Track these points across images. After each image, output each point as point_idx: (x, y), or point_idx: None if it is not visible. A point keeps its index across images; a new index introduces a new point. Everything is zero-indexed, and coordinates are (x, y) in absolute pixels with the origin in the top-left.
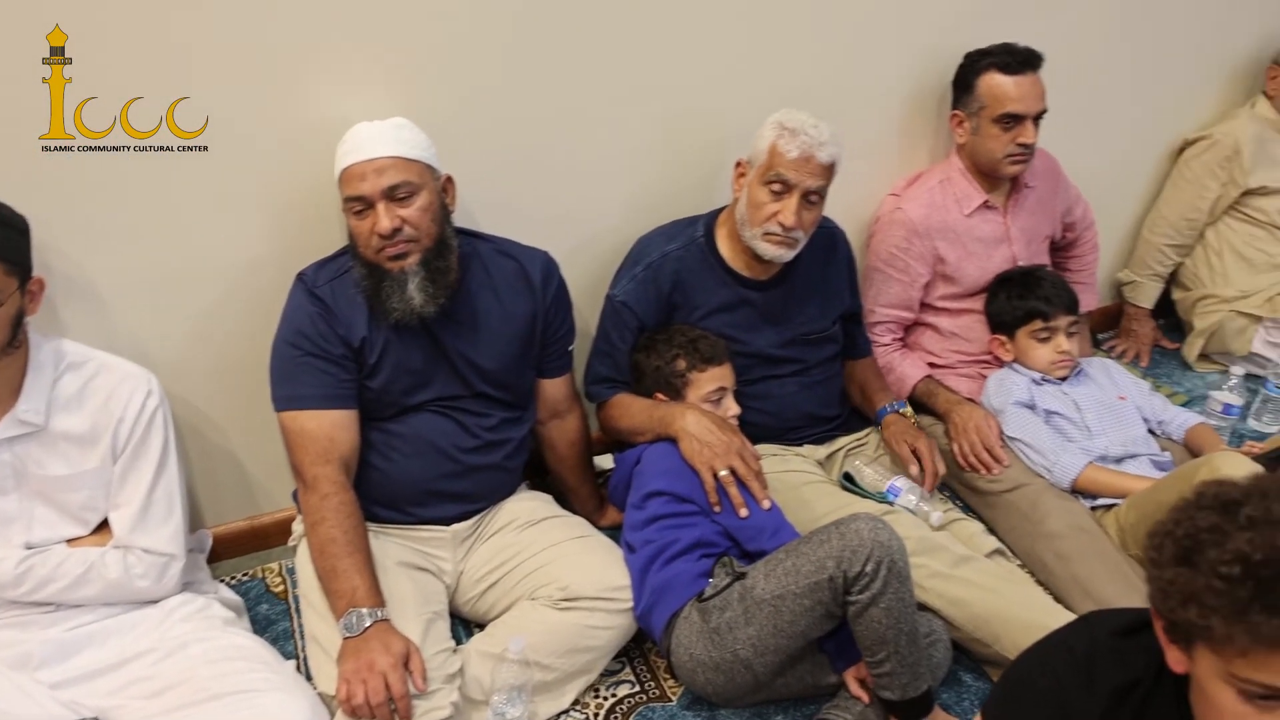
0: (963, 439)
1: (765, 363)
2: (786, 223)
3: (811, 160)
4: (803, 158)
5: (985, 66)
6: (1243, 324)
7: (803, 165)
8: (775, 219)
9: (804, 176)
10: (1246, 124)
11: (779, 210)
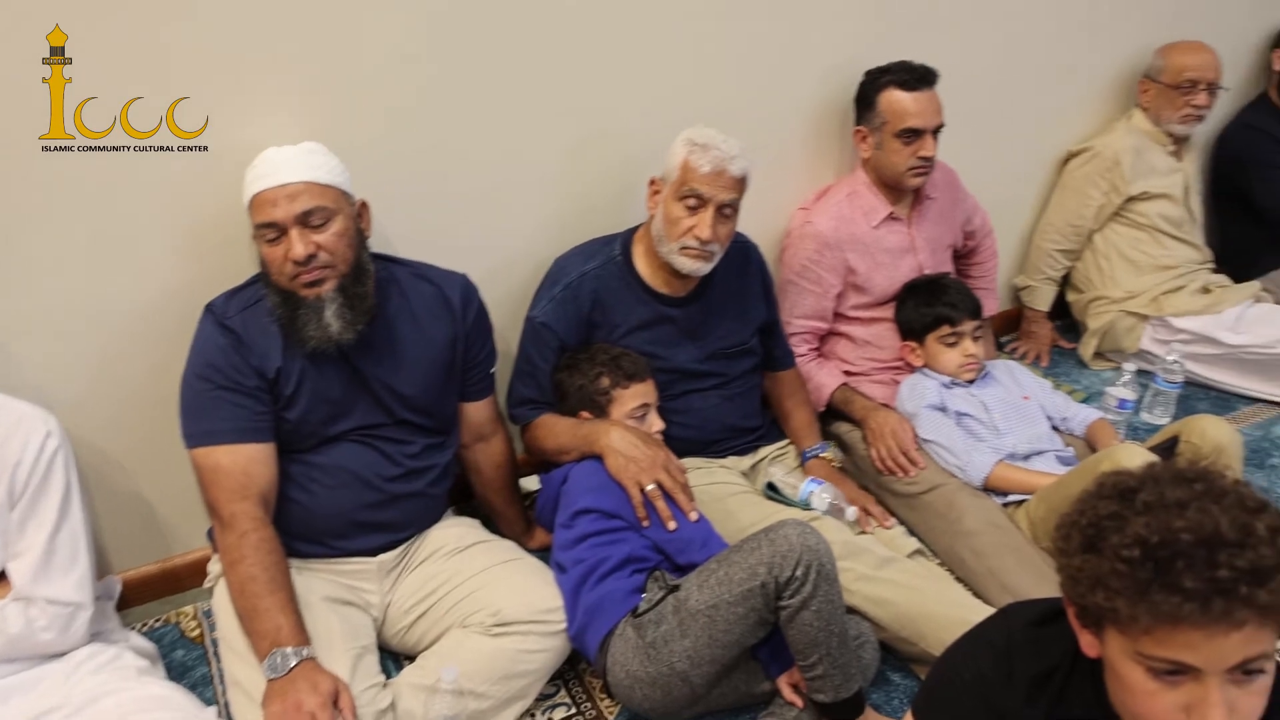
0: (879, 444)
1: (686, 377)
2: (703, 236)
3: (724, 174)
4: (715, 172)
5: (885, 84)
6: (1132, 323)
7: (715, 179)
8: (691, 233)
9: (717, 190)
10: (1124, 135)
11: (695, 225)
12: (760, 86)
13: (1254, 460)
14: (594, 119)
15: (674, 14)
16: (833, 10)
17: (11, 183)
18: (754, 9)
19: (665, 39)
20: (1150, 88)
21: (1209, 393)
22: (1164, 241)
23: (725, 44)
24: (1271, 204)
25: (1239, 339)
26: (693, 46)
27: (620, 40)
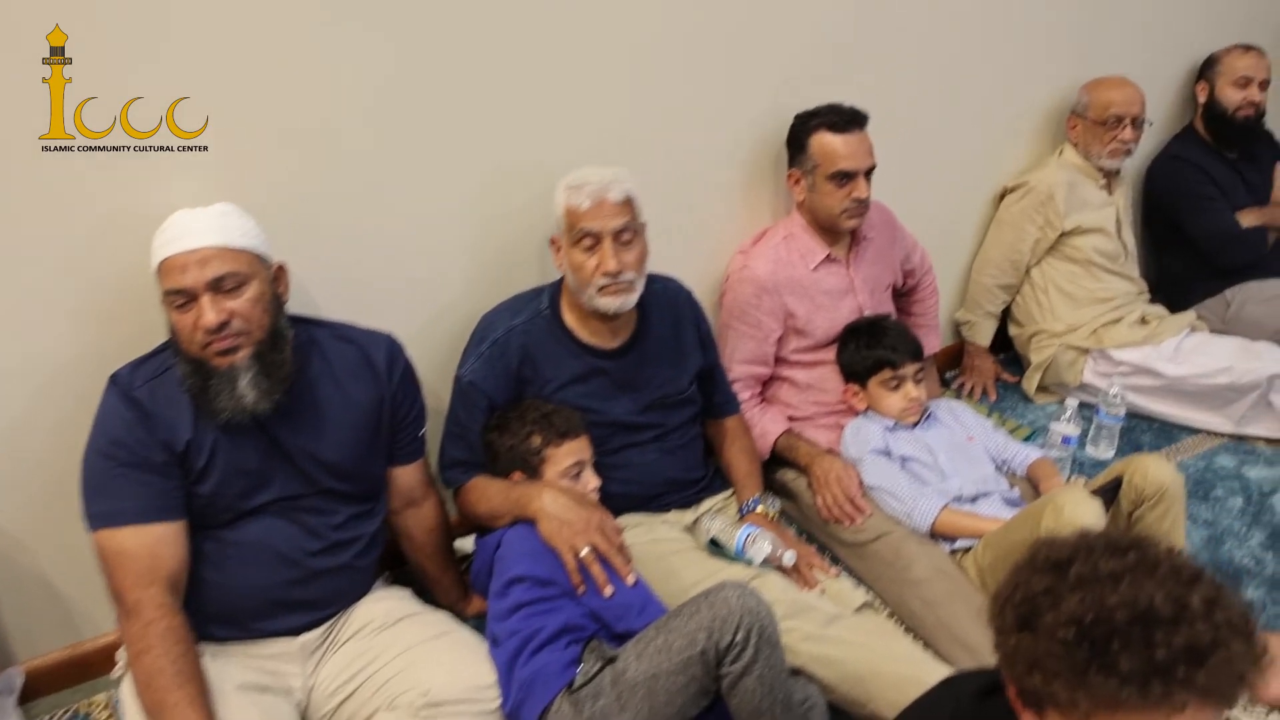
0: (825, 491)
1: (624, 431)
2: (609, 268)
3: (605, 203)
4: (595, 204)
5: (815, 126)
6: (1073, 356)
7: (598, 211)
8: (599, 271)
9: (605, 220)
10: (1056, 171)
11: (598, 261)
12: (694, 131)
13: (1197, 493)
14: (520, 172)
15: (602, 64)
16: (764, 53)
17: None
18: (683, 55)
19: (592, 89)
20: (1078, 123)
21: (1152, 424)
22: (1099, 275)
23: (656, 90)
24: (1202, 234)
25: (1178, 370)
26: (622, 95)
27: (545, 91)
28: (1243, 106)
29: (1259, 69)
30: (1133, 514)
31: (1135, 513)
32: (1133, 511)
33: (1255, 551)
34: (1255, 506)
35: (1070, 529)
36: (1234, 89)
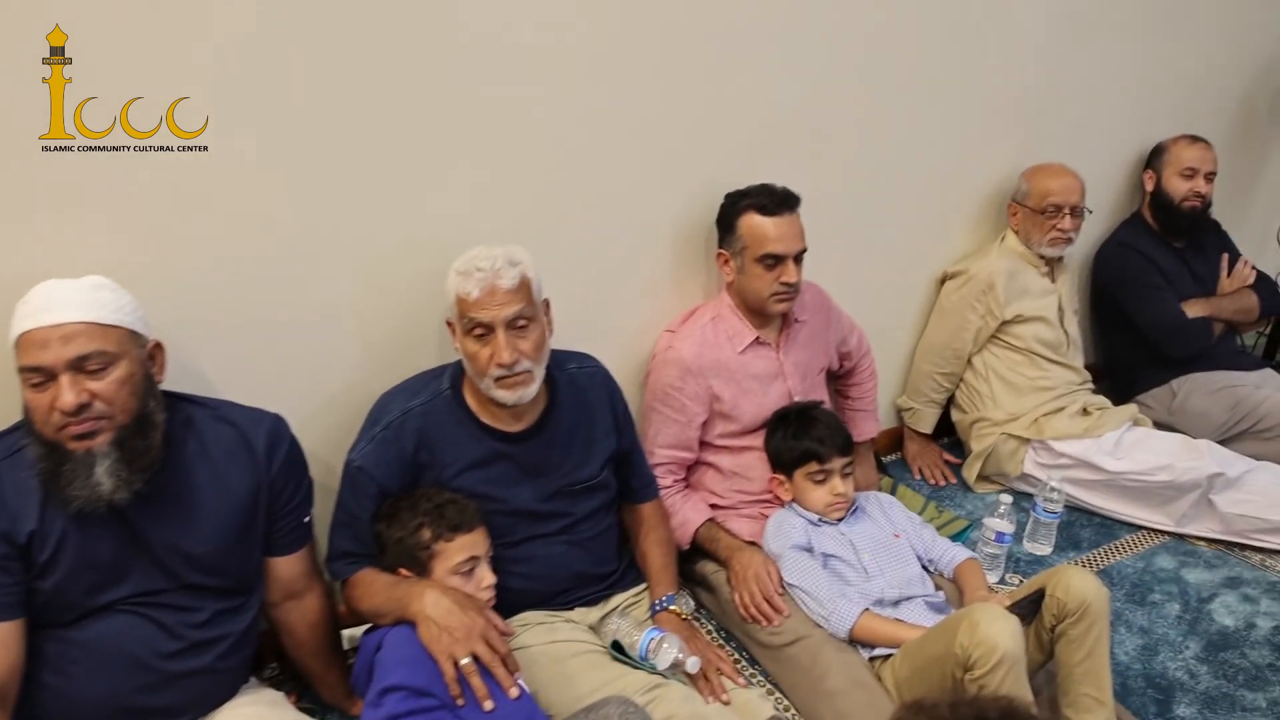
0: (743, 589)
1: (528, 520)
2: (504, 360)
3: (496, 291)
4: (486, 293)
5: (744, 207)
6: (1014, 446)
7: (489, 300)
8: (493, 362)
9: (496, 309)
10: (997, 259)
11: (492, 351)
12: (620, 205)
13: (1134, 597)
14: (423, 248)
15: (521, 136)
16: (699, 129)
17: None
18: (608, 129)
19: (512, 162)
20: (1018, 210)
21: (1092, 519)
22: (1041, 364)
23: (580, 164)
24: (1148, 322)
25: (1118, 465)
26: (544, 168)
27: (457, 165)
28: (1189, 197)
29: (1205, 161)
30: (1055, 628)
31: (1058, 628)
32: (1055, 626)
33: (1190, 664)
34: (1193, 614)
35: (985, 647)
36: (1180, 180)
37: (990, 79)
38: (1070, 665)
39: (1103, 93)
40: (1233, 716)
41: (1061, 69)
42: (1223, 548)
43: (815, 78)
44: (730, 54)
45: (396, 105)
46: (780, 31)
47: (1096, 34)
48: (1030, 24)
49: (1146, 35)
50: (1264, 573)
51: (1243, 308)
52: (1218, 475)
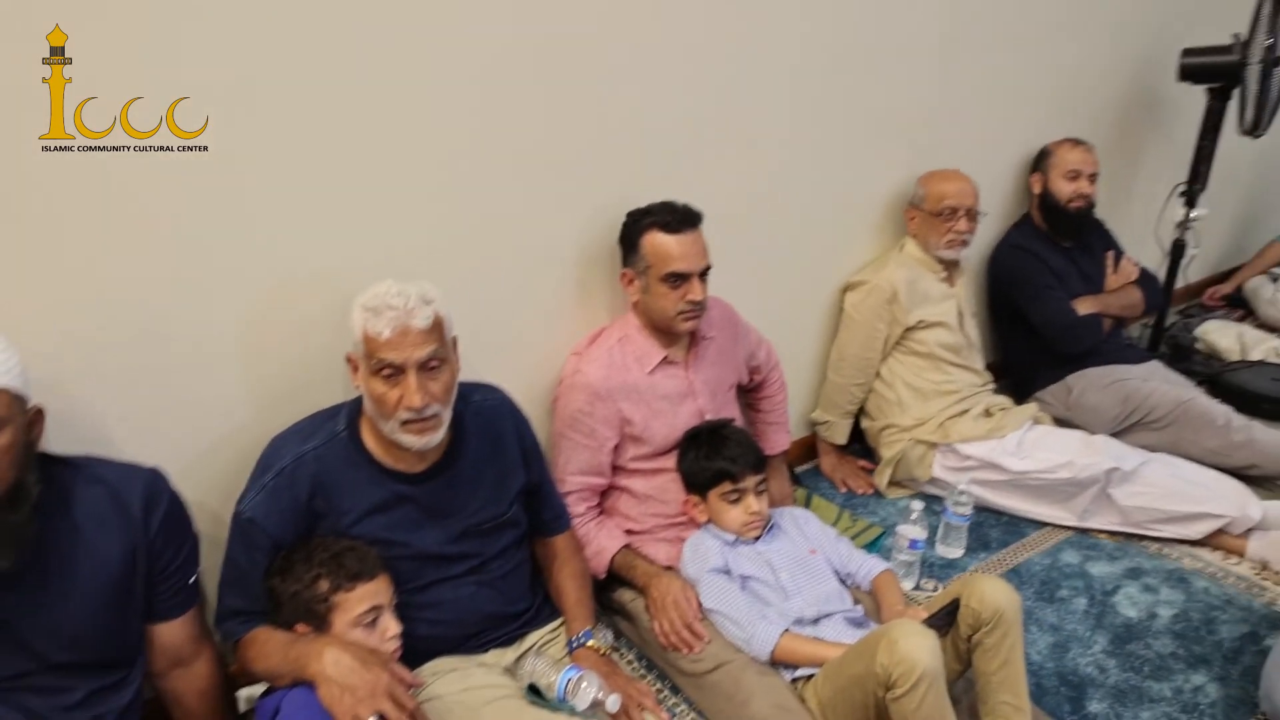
0: (661, 617)
1: (435, 563)
2: (413, 404)
3: (409, 331)
4: (398, 334)
5: (647, 226)
6: (922, 451)
7: (401, 341)
8: (402, 405)
9: (408, 351)
10: (896, 269)
11: (402, 394)
12: (518, 229)
13: (1044, 594)
14: (314, 282)
15: (413, 160)
16: (592, 147)
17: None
18: (505, 150)
19: (404, 187)
20: (916, 215)
21: (1000, 518)
22: (944, 368)
23: (476, 187)
24: (1042, 321)
25: (1022, 465)
26: (438, 192)
27: (345, 193)
28: (1074, 199)
29: (1087, 163)
30: (971, 638)
31: (974, 637)
32: (971, 636)
33: (1099, 659)
34: (1098, 608)
35: (904, 666)
36: (1065, 181)
37: (884, 91)
38: (987, 674)
39: (990, 101)
40: (1141, 708)
41: (950, 80)
42: (1123, 539)
43: (712, 95)
44: (624, 72)
45: (279, 138)
46: (675, 50)
47: (982, 46)
48: (919, 39)
49: (1028, 46)
50: (1162, 561)
51: (1129, 303)
52: (1114, 470)
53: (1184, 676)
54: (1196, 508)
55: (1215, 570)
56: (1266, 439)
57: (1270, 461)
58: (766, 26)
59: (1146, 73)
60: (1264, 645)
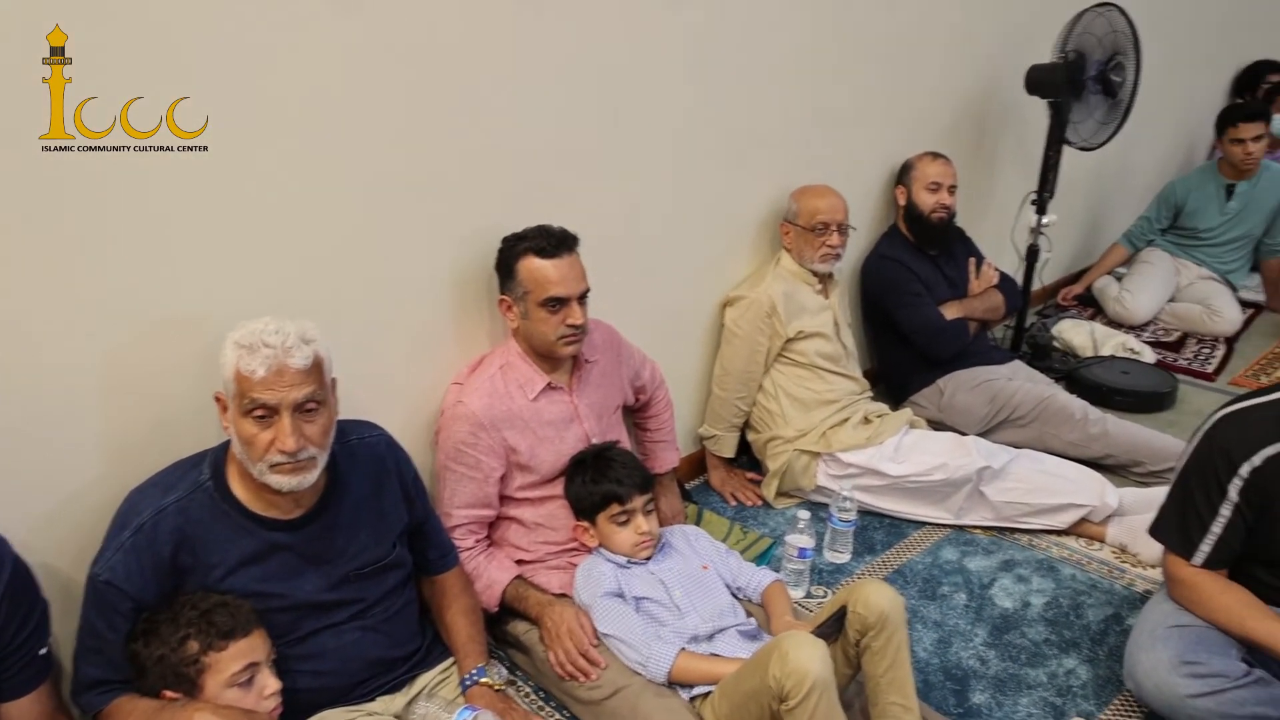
0: (557, 646)
1: (315, 612)
2: (287, 448)
3: (285, 372)
4: (274, 373)
5: (522, 251)
6: (806, 461)
7: (277, 381)
8: (275, 448)
9: (284, 391)
10: (773, 282)
11: (275, 437)
12: (392, 258)
13: (926, 592)
14: (174, 320)
15: (274, 201)
16: (466, 169)
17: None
18: (369, 179)
19: (262, 222)
20: (790, 230)
21: (883, 521)
22: (825, 377)
23: (339, 221)
24: (912, 328)
25: (900, 469)
26: (302, 229)
27: (201, 230)
28: (936, 209)
29: (946, 174)
30: (859, 643)
31: (861, 642)
32: (859, 641)
33: (980, 651)
34: (977, 601)
35: (796, 677)
36: (927, 193)
37: (754, 111)
38: (876, 677)
39: (855, 118)
40: (1020, 695)
41: (818, 99)
42: (996, 533)
43: (586, 118)
44: (494, 96)
45: (135, 168)
46: (548, 72)
47: (845, 66)
48: (786, 61)
49: (887, 66)
50: (1032, 552)
51: (991, 306)
52: (985, 468)
53: (1057, 661)
54: (1061, 499)
55: (1080, 557)
56: (1119, 430)
57: (1123, 451)
58: (639, 49)
59: (998, 89)
60: (1126, 625)
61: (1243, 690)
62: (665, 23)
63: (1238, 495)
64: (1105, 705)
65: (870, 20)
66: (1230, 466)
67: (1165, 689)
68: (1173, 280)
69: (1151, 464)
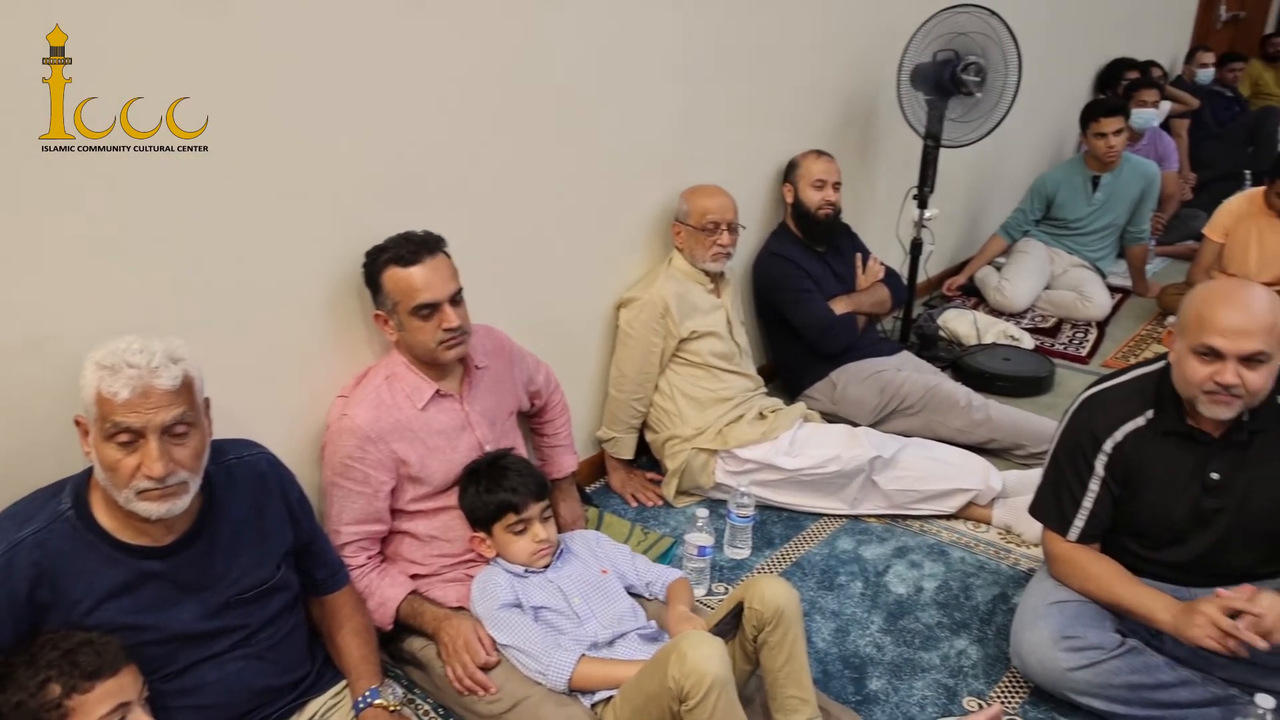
0: (454, 661)
1: (193, 643)
2: (154, 474)
3: (151, 392)
4: (138, 395)
5: (385, 263)
6: (704, 458)
7: (142, 403)
8: (140, 474)
9: (150, 414)
10: (666, 283)
11: (140, 462)
12: (266, 271)
13: (824, 583)
14: (37, 339)
15: (140, 215)
16: (344, 175)
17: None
18: (243, 182)
19: (130, 240)
20: (681, 229)
21: (781, 514)
22: (719, 375)
23: (200, 231)
24: (802, 323)
25: (795, 463)
26: (165, 245)
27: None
28: (822, 206)
29: (830, 172)
30: (757, 638)
31: (759, 637)
32: (756, 636)
33: (876, 638)
34: (873, 589)
35: (694, 677)
36: (813, 190)
37: (643, 110)
38: (774, 671)
39: (743, 118)
40: (915, 679)
41: (701, 99)
42: (889, 521)
43: (467, 122)
44: (365, 100)
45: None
46: (424, 74)
47: (727, 68)
48: (665, 61)
49: (770, 66)
50: (924, 537)
51: (878, 300)
52: (877, 458)
53: (949, 643)
54: (949, 485)
55: (968, 540)
56: (1001, 415)
57: (1005, 435)
58: (523, 51)
59: (877, 88)
60: (1012, 604)
61: (1117, 660)
62: (548, 26)
63: (1104, 470)
64: (995, 683)
65: (738, 23)
66: (1095, 444)
67: (1048, 664)
68: (1047, 269)
69: (1032, 446)
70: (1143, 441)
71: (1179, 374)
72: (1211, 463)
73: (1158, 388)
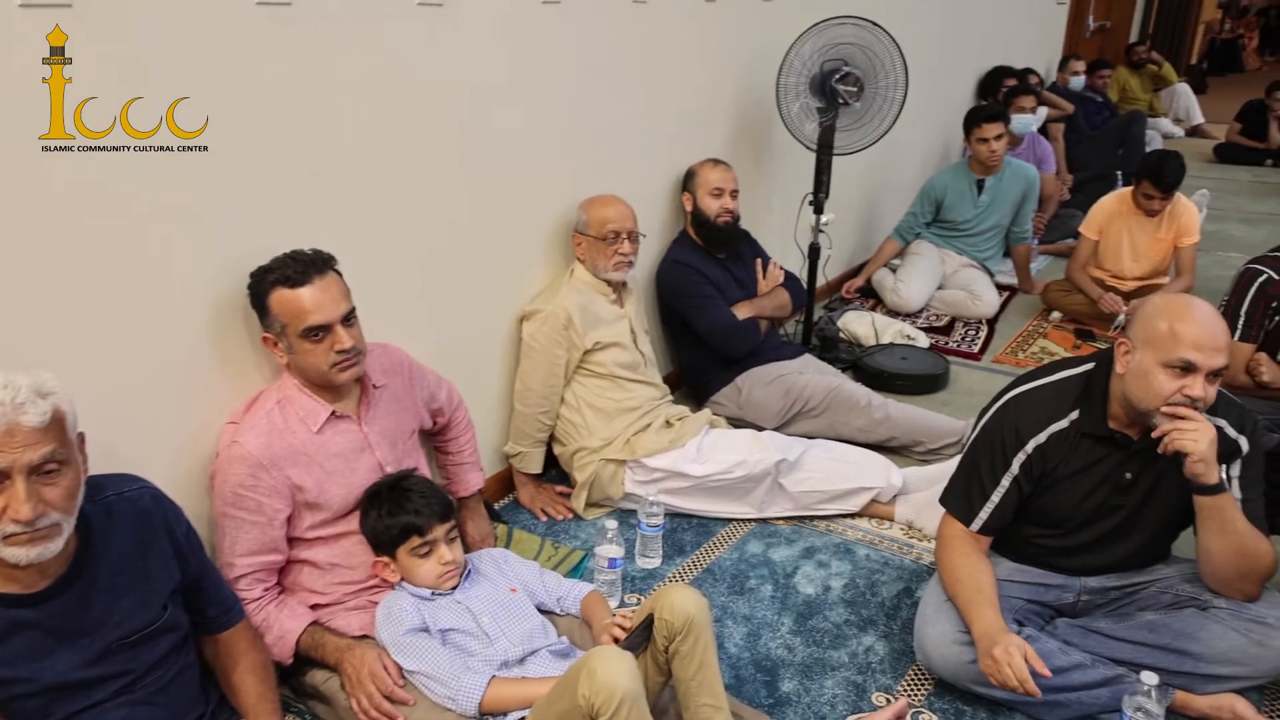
0: (358, 692)
1: (71, 693)
2: (22, 516)
3: (17, 430)
4: (2, 434)
5: (271, 285)
6: (613, 470)
7: (7, 442)
8: (6, 517)
9: (15, 453)
10: (568, 294)
11: (5, 506)
12: (140, 296)
13: (735, 587)
14: None
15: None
16: (223, 191)
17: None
18: (108, 201)
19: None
20: (581, 240)
21: (691, 521)
22: (625, 385)
23: (74, 252)
24: (706, 329)
25: (703, 469)
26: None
27: None
28: (721, 214)
29: (727, 180)
30: (668, 649)
31: (670, 648)
32: (668, 647)
33: (787, 639)
34: (782, 590)
35: (605, 693)
36: (711, 198)
37: (539, 123)
38: (686, 680)
39: (638, 128)
40: (825, 678)
41: (599, 110)
42: (796, 522)
43: (353, 131)
44: (242, 109)
45: None
46: (311, 87)
47: (620, 78)
48: (557, 73)
49: (662, 76)
50: (830, 537)
51: (779, 304)
52: (782, 461)
53: (857, 640)
54: (852, 484)
55: (873, 537)
56: (900, 414)
57: (905, 433)
58: (413, 64)
59: (772, 96)
60: (916, 598)
61: None
62: (438, 36)
63: (1019, 468)
64: (901, 677)
65: (628, 34)
66: (1018, 442)
67: (950, 658)
68: (939, 269)
69: (930, 443)
70: (1063, 442)
71: (1141, 386)
72: (1128, 464)
73: (1084, 390)
